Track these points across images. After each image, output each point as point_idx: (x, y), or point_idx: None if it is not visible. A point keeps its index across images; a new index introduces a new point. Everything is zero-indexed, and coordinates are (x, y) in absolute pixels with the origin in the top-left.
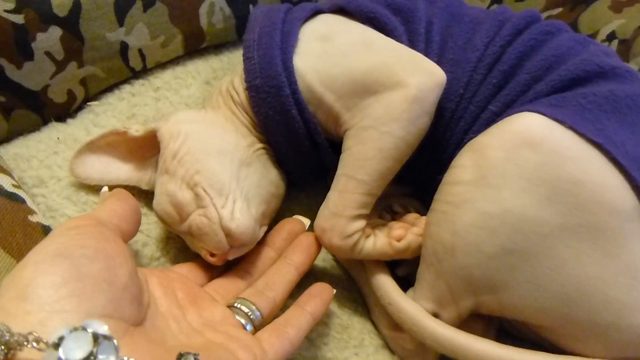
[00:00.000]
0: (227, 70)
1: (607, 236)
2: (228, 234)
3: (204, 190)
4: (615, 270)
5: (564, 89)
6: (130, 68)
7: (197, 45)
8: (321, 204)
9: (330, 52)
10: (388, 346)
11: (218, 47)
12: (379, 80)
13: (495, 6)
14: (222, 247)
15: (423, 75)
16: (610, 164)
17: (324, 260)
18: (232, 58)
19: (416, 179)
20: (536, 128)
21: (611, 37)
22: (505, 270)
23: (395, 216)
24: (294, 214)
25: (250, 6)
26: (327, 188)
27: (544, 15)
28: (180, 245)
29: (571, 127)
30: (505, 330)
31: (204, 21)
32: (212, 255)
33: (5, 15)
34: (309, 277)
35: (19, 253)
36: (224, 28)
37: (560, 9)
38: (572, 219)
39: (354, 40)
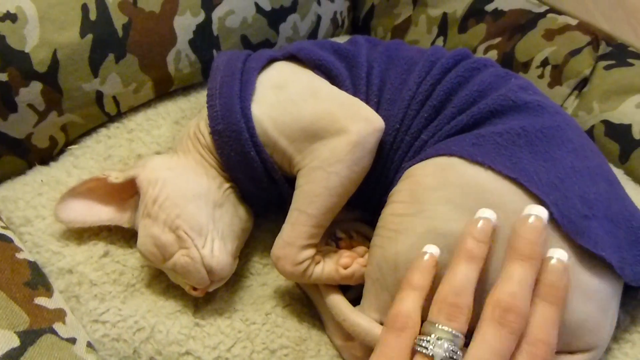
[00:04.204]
0: (195, 109)
1: None
2: (210, 270)
3: (185, 233)
4: None
5: (483, 121)
6: (105, 113)
7: (166, 89)
8: (281, 229)
9: (282, 101)
10: (341, 355)
11: (186, 88)
12: (324, 128)
13: (440, 38)
14: (205, 283)
15: (363, 122)
16: (525, 193)
17: (285, 280)
18: (199, 98)
19: (363, 202)
20: (460, 168)
21: (545, 63)
22: (439, 279)
23: (339, 241)
24: (257, 240)
25: (214, 51)
26: (285, 216)
27: (485, 44)
28: (154, 273)
29: (489, 167)
30: None
31: (171, 67)
32: (195, 289)
33: None
34: (274, 295)
35: (7, 287)
36: (190, 72)
37: (499, 39)
38: (497, 240)
39: (303, 90)
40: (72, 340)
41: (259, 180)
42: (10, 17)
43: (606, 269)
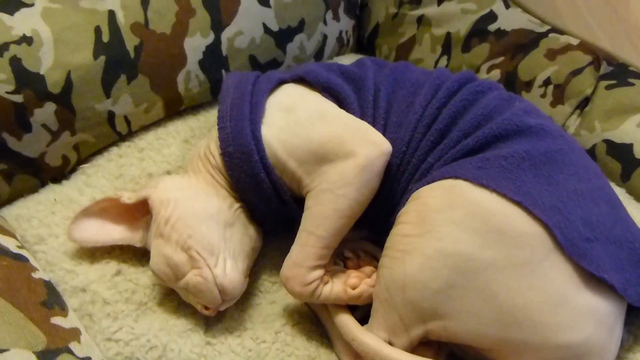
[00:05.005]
0: (204, 128)
1: (530, 272)
2: (222, 290)
3: (198, 253)
4: (539, 299)
5: (488, 144)
6: (117, 132)
7: (176, 108)
8: (290, 246)
9: (291, 124)
10: None
11: (195, 107)
12: (333, 151)
13: (444, 57)
14: (217, 302)
15: (370, 146)
16: (529, 215)
17: (294, 299)
18: (208, 117)
19: (371, 222)
20: (466, 191)
21: (547, 82)
22: (448, 302)
23: (346, 261)
24: (266, 258)
25: (223, 71)
26: (294, 234)
27: (488, 64)
28: (166, 291)
29: (494, 190)
30: (455, 354)
31: (181, 87)
32: (207, 308)
33: (7, 96)
34: (284, 313)
35: (24, 307)
36: (199, 92)
37: (502, 58)
38: (501, 260)
39: (311, 113)
40: None
41: (268, 200)
42: (27, 40)
43: (610, 290)
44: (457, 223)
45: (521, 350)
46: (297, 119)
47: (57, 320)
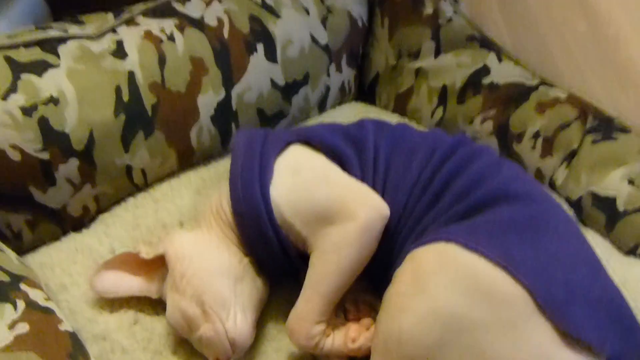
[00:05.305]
0: (215, 178)
1: (514, 331)
2: (233, 343)
3: (211, 308)
4: (522, 357)
5: (478, 210)
6: (134, 184)
7: (189, 160)
8: (295, 295)
9: (297, 187)
10: None
11: (206, 157)
12: (335, 213)
13: (440, 108)
14: (228, 354)
15: (370, 209)
16: (513, 279)
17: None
18: (218, 167)
19: (370, 276)
20: (457, 253)
21: (536, 135)
22: (440, 356)
23: (347, 312)
24: (271, 307)
25: (233, 124)
26: (299, 283)
27: (482, 116)
28: (179, 340)
29: (481, 253)
30: None
31: (194, 141)
32: (218, 359)
33: (34, 153)
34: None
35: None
36: (210, 144)
37: (494, 110)
38: (488, 319)
39: (316, 177)
40: None
41: (275, 256)
42: (53, 100)
43: (590, 348)
44: (449, 284)
45: None
46: (303, 183)
47: None
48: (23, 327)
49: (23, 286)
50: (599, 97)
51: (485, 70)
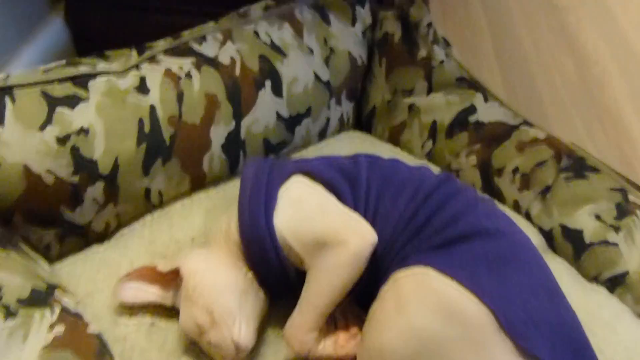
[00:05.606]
0: (222, 200)
1: (480, 348)
2: (237, 347)
3: (219, 317)
4: None
5: (453, 242)
6: (151, 204)
7: (200, 183)
8: (291, 308)
9: (299, 215)
10: None
11: (216, 181)
12: (330, 239)
13: (430, 141)
14: (233, 356)
15: (360, 237)
16: (480, 302)
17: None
18: (226, 189)
19: (358, 292)
20: (433, 277)
21: (515, 171)
22: None
23: (337, 322)
24: (271, 316)
25: (241, 152)
26: (295, 298)
27: (467, 150)
28: (189, 343)
29: (454, 279)
30: None
31: (206, 167)
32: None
33: (66, 178)
34: None
35: (85, 357)
36: (220, 170)
37: (479, 146)
38: (457, 337)
39: (315, 207)
40: None
41: (275, 274)
42: (84, 131)
43: None
44: (425, 304)
45: None
46: (302, 211)
47: None
48: (59, 329)
49: (57, 293)
50: (580, 134)
51: (472, 109)
